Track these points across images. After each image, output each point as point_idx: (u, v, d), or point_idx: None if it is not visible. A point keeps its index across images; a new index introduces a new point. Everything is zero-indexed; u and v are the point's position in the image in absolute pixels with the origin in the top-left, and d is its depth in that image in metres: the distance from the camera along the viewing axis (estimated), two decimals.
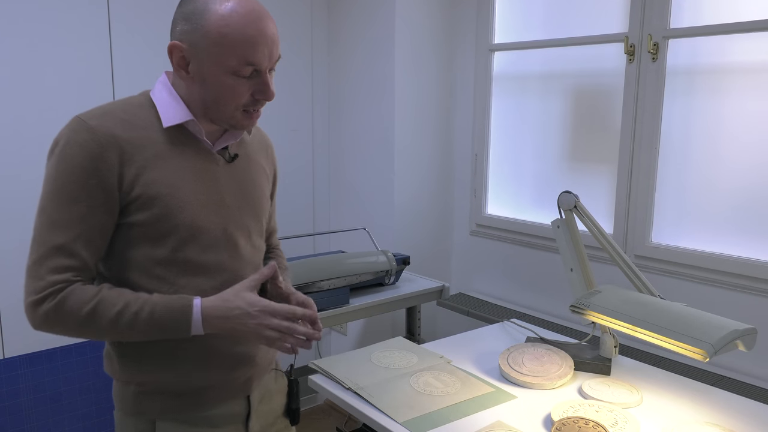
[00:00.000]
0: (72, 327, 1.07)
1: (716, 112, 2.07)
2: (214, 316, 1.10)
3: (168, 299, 1.09)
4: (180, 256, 1.13)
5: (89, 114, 1.10)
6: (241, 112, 1.14)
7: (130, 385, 1.18)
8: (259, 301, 1.11)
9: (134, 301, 1.08)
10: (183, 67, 1.11)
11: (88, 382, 2.50)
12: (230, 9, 1.07)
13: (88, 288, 1.08)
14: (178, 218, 1.12)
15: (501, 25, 2.74)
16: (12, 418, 2.34)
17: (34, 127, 2.31)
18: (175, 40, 1.11)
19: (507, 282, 2.78)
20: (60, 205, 1.07)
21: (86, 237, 1.08)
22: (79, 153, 1.06)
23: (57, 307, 1.05)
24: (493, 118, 2.81)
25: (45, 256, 1.07)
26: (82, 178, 1.06)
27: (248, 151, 1.28)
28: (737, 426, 1.40)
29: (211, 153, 1.19)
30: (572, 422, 1.35)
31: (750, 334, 1.34)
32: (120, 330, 1.07)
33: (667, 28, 2.14)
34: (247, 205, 1.23)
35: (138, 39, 2.49)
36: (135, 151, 1.10)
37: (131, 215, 1.10)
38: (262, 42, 1.09)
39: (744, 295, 2.03)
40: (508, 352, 1.71)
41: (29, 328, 1.08)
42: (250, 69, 1.10)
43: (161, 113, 1.14)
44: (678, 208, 2.20)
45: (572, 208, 1.66)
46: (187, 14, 1.09)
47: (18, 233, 2.31)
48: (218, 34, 1.07)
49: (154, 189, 1.10)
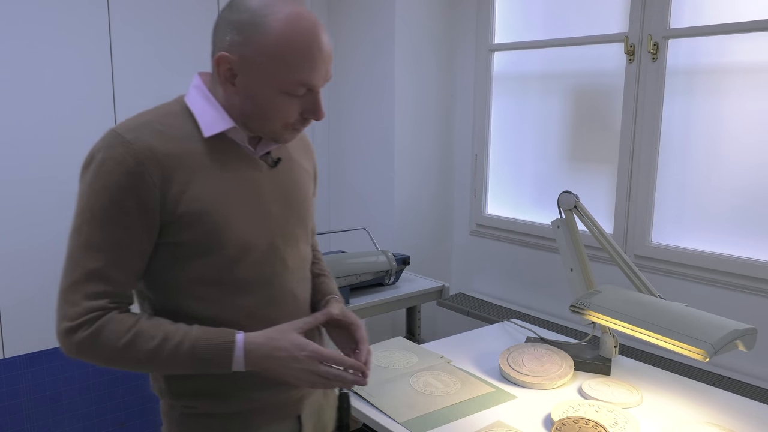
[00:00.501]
0: (107, 358, 1.01)
1: (716, 112, 2.07)
2: (257, 354, 1.03)
3: (209, 333, 1.03)
4: (227, 276, 1.07)
5: (124, 126, 1.02)
6: (286, 129, 1.08)
7: (177, 406, 1.13)
8: (306, 345, 1.04)
9: (174, 333, 1.01)
10: (229, 80, 1.04)
11: (88, 382, 2.50)
12: (289, 25, 0.99)
13: (125, 318, 1.02)
14: (225, 236, 1.05)
15: (501, 25, 2.74)
16: (12, 418, 2.34)
17: (34, 128, 2.31)
18: (224, 51, 1.02)
19: (507, 282, 2.78)
20: (95, 227, 1.00)
21: (124, 260, 1.01)
22: (115, 170, 0.99)
23: (92, 336, 1.00)
24: (493, 118, 2.81)
25: (80, 280, 1.00)
26: (119, 198, 0.99)
27: (290, 153, 1.20)
28: (737, 426, 1.40)
29: (253, 159, 1.11)
30: (572, 422, 1.35)
31: (750, 334, 1.34)
32: (158, 363, 1.01)
33: (667, 28, 2.14)
34: (292, 213, 1.16)
35: (138, 39, 2.49)
36: (176, 165, 1.02)
37: (174, 235, 1.03)
38: (320, 62, 1.03)
39: (744, 295, 2.03)
40: (508, 352, 1.71)
41: (29, 328, 1.07)
42: (304, 89, 1.04)
43: (200, 122, 1.07)
44: (678, 208, 2.20)
45: (572, 208, 1.66)
46: (239, 25, 1.01)
47: (18, 234, 2.31)
48: (275, 52, 0.99)
49: (199, 206, 1.03)
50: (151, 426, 2.65)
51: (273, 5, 1.01)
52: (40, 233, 2.35)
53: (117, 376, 2.56)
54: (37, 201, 2.34)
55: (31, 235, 2.34)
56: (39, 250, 2.36)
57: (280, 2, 1.01)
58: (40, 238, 2.36)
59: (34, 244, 2.35)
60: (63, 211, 2.40)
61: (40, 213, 2.35)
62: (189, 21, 2.60)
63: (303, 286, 1.21)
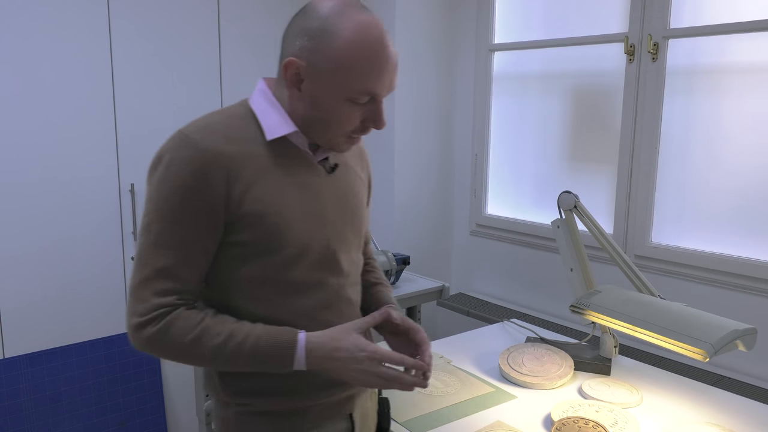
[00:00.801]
0: (175, 353, 1.05)
1: (716, 112, 2.07)
2: (318, 354, 1.05)
3: (272, 331, 1.05)
4: (283, 276, 1.09)
5: (192, 128, 1.05)
6: (346, 137, 1.10)
7: (231, 405, 1.14)
8: (367, 345, 1.05)
9: (238, 330, 1.04)
10: (296, 85, 1.06)
11: (88, 382, 2.50)
12: (358, 35, 1.01)
13: (192, 314, 1.05)
14: (285, 237, 1.07)
15: (501, 25, 2.75)
16: (12, 418, 2.34)
17: (34, 129, 2.31)
18: (293, 56, 1.04)
19: (507, 282, 2.78)
20: (164, 226, 1.03)
21: (191, 259, 1.05)
22: (183, 171, 1.02)
23: (161, 332, 1.02)
24: (493, 118, 2.81)
25: (149, 278, 1.03)
26: (187, 198, 1.02)
27: (346, 160, 1.22)
28: (737, 426, 1.40)
29: (312, 164, 1.13)
30: (572, 422, 1.35)
31: (750, 334, 1.34)
32: (223, 359, 1.04)
33: (667, 28, 2.15)
34: (347, 219, 1.18)
35: (138, 39, 2.49)
36: (240, 167, 1.05)
37: (236, 234, 1.06)
38: (386, 71, 1.05)
39: (744, 295, 2.03)
40: (508, 352, 1.71)
41: (29, 328, 1.07)
42: (368, 97, 1.06)
43: (264, 125, 1.09)
44: (678, 208, 2.20)
45: (572, 208, 1.66)
46: (311, 31, 1.03)
47: (18, 234, 2.31)
48: (343, 60, 1.01)
49: (261, 207, 1.05)
50: (151, 426, 2.65)
51: (344, 13, 1.03)
52: (40, 234, 2.35)
53: (117, 376, 2.56)
54: (38, 202, 2.34)
55: (31, 236, 2.34)
56: (39, 250, 2.36)
57: (351, 10, 1.03)
58: (40, 238, 2.36)
59: (34, 244, 2.35)
60: (63, 211, 2.40)
61: (40, 214, 2.35)
62: (189, 21, 2.60)
63: (356, 290, 1.23)
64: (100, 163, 2.46)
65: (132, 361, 2.60)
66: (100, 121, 2.44)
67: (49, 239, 2.37)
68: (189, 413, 2.75)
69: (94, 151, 2.44)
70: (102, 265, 2.50)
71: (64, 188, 2.39)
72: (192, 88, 2.64)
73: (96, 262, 2.49)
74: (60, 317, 2.41)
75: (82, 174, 2.42)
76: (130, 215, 2.54)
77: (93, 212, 2.46)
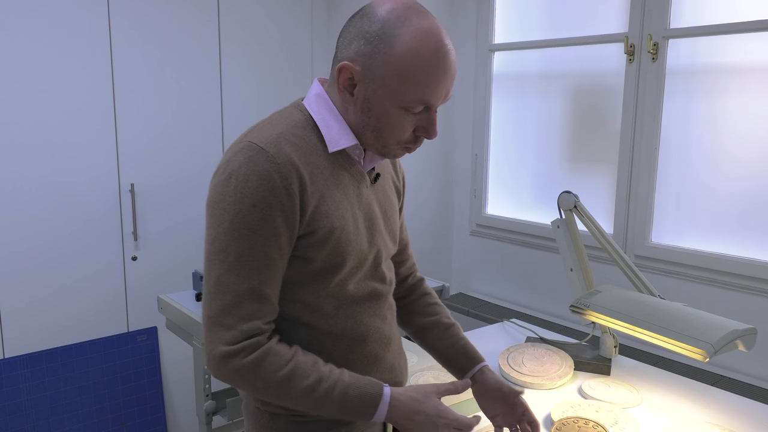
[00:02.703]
0: (260, 388, 1.01)
1: (716, 112, 2.07)
2: (399, 411, 1.04)
3: (360, 382, 1.04)
4: (343, 289, 1.08)
5: (263, 139, 1.00)
6: (399, 146, 1.06)
7: (268, 406, 1.12)
8: (446, 413, 1.05)
9: (327, 376, 1.02)
10: (348, 89, 1.02)
11: (88, 382, 2.50)
12: (419, 41, 0.97)
13: (282, 350, 1.01)
14: (347, 252, 1.05)
15: (501, 25, 2.74)
16: (12, 418, 2.34)
17: (34, 130, 2.31)
18: (348, 60, 1.00)
19: (507, 282, 2.78)
20: (246, 246, 0.98)
21: (273, 277, 1.01)
22: (261, 185, 0.97)
23: (253, 365, 0.99)
24: (493, 118, 2.81)
25: (233, 303, 0.98)
26: (268, 214, 0.97)
27: (383, 167, 1.20)
28: (737, 426, 1.40)
29: (363, 175, 1.11)
30: (572, 422, 1.35)
31: (750, 334, 1.34)
32: (309, 402, 1.02)
33: (667, 29, 2.15)
34: (387, 227, 1.17)
35: (138, 40, 2.49)
36: (310, 180, 1.01)
37: (302, 249, 1.03)
38: (443, 82, 1.01)
39: (744, 295, 2.03)
40: (508, 352, 1.71)
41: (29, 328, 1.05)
42: (422, 107, 1.02)
43: (326, 136, 1.05)
44: (678, 208, 2.20)
45: (572, 208, 1.66)
46: (369, 34, 0.99)
47: (18, 235, 2.31)
48: (402, 67, 0.97)
49: (329, 222, 1.03)
50: (151, 426, 2.65)
51: (405, 18, 0.99)
52: (40, 234, 2.35)
53: (117, 376, 2.56)
54: (38, 202, 2.34)
55: (31, 236, 2.34)
56: (39, 251, 2.36)
57: (413, 16, 0.99)
58: (41, 239, 2.36)
59: (34, 245, 2.35)
60: (63, 211, 2.40)
61: (41, 214, 2.35)
62: (189, 21, 2.60)
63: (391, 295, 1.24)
64: (100, 164, 2.46)
65: (132, 361, 2.60)
66: (101, 121, 2.44)
67: (50, 239, 2.37)
68: (189, 413, 2.75)
69: (94, 152, 2.44)
70: (102, 265, 2.50)
71: (64, 188, 2.39)
72: (192, 89, 2.64)
73: (96, 262, 2.49)
74: (60, 317, 2.41)
75: (82, 174, 2.42)
76: (130, 215, 2.54)
77: (93, 212, 2.46)
